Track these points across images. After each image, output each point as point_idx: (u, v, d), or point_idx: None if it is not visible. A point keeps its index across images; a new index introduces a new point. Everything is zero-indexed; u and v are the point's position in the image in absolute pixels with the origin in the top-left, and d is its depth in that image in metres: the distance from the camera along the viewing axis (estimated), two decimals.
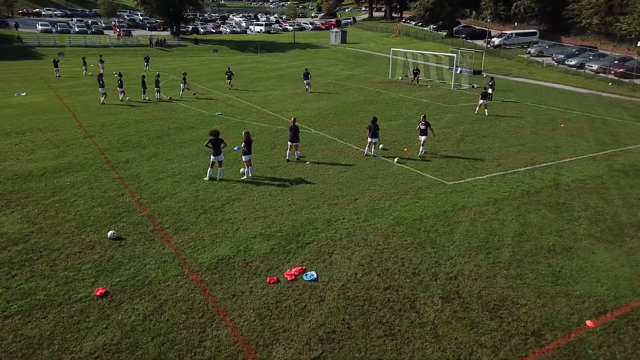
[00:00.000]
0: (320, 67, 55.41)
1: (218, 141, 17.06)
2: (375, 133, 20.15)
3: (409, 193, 16.37)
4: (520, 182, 17.67)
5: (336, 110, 30.09)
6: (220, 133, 17.47)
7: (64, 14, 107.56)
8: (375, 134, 20.17)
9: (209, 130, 24.33)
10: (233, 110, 29.17)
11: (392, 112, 29.55)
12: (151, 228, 13.36)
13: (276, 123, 26.15)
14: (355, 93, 36.53)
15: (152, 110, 28.96)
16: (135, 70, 49.07)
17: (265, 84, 40.55)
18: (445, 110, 30.61)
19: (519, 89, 40.45)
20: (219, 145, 17.06)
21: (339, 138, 23.39)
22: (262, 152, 20.76)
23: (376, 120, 20.25)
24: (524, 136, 24.45)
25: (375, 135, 20.19)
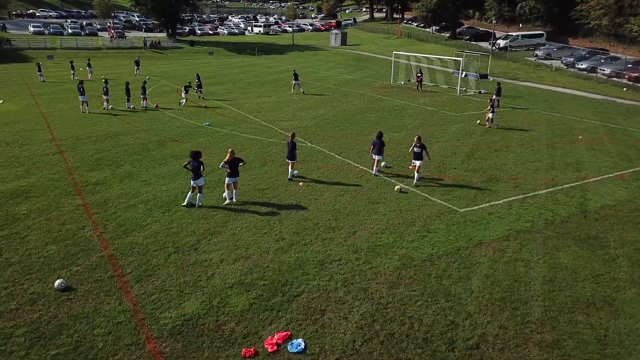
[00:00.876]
0: (319, 70, 53.25)
1: (198, 164, 14.92)
2: (380, 150, 18.08)
3: (416, 223, 14.18)
4: (542, 209, 15.47)
5: (335, 119, 27.91)
6: (201, 154, 15.31)
7: (59, 15, 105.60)
8: (380, 150, 18.10)
9: (194, 143, 22.33)
10: (223, 120, 27.00)
11: (395, 122, 27.36)
12: (110, 274, 11.18)
13: (268, 135, 23.97)
14: (356, 100, 34.35)
15: (135, 120, 26.79)
16: (127, 75, 46.93)
17: (260, 90, 38.39)
18: (452, 119, 28.42)
19: (528, 95, 38.23)
20: (199, 168, 14.92)
21: (337, 153, 21.21)
22: (250, 170, 18.58)
23: (382, 135, 18.12)
24: (540, 150, 22.24)
25: (380, 152, 18.11)
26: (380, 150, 18.06)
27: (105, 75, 45.28)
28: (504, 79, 46.42)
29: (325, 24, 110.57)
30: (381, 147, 18.04)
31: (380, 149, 18.06)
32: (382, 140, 18.05)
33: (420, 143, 17.15)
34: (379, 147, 18.00)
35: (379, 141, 17.98)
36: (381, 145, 18.03)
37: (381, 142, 18.01)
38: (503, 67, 52.57)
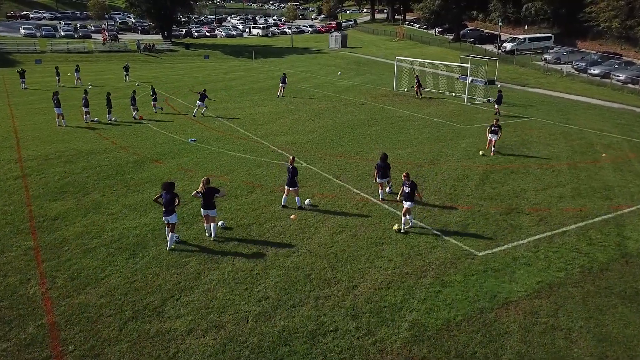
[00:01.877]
0: (318, 75, 50.95)
1: (171, 198, 12.68)
2: (385, 173, 16.09)
3: (428, 273, 11.88)
4: (575, 251, 13.16)
5: (333, 133, 25.60)
6: (174, 186, 13.07)
7: (54, 17, 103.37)
8: (386, 173, 16.12)
9: (175, 164, 20.05)
10: (211, 135, 24.70)
11: (399, 137, 25.05)
12: (46, 354, 8.88)
13: (259, 153, 21.67)
14: (356, 109, 32.04)
15: (115, 135, 24.49)
16: (116, 80, 44.67)
17: (254, 98, 36.07)
18: (460, 133, 26.10)
19: (540, 103, 35.90)
20: (172, 202, 12.68)
21: (334, 175, 18.90)
22: (235, 198, 16.29)
23: (386, 158, 15.98)
24: (561, 172, 19.92)
25: (385, 175, 16.13)
26: (385, 173, 16.08)
27: (93, 81, 43.11)
28: (512, 85, 44.14)
29: (326, 26, 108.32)
30: (386, 170, 16.07)
31: (386, 172, 16.09)
32: (387, 163, 16.00)
33: (410, 181, 13.88)
34: (383, 170, 15.99)
35: (383, 164, 15.92)
36: (386, 168, 16.02)
37: (386, 165, 15.98)
38: (510, 72, 50.24)
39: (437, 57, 61.48)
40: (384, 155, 16.02)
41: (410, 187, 13.78)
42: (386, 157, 16.01)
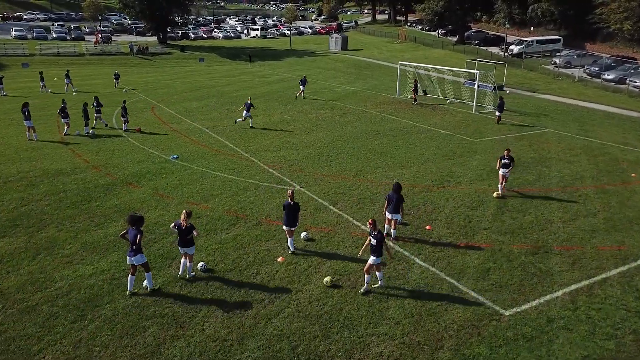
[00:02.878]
0: (317, 79, 48.59)
1: (137, 234, 10.49)
2: (397, 207, 13.46)
3: (445, 343, 9.53)
4: (621, 308, 10.80)
5: (331, 148, 23.25)
6: (142, 221, 10.80)
7: (48, 18, 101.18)
8: (398, 207, 13.47)
9: (151, 188, 17.72)
10: (195, 151, 22.36)
11: (404, 152, 22.70)
12: None
13: (247, 173, 19.32)
14: (356, 119, 29.68)
15: (89, 151, 22.15)
16: (105, 86, 42.30)
17: None
18: (471, 147, 23.74)
19: (553, 112, 33.53)
20: (138, 240, 10.48)
21: (331, 202, 16.56)
22: (215, 234, 13.96)
23: (400, 188, 13.50)
24: (589, 197, 17.56)
25: (397, 209, 13.49)
26: (397, 207, 13.47)
27: (80, 86, 40.75)
28: (521, 91, 41.78)
29: (326, 27, 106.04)
30: (399, 204, 13.44)
31: (398, 206, 13.45)
32: (400, 195, 13.46)
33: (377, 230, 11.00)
34: (395, 202, 13.44)
35: (396, 195, 13.42)
36: (399, 200, 13.42)
37: (399, 197, 13.42)
38: (518, 77, 47.86)
39: (441, 60, 59.17)
40: (397, 185, 13.54)
41: (378, 238, 10.82)
42: (400, 188, 13.57)
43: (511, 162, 17.07)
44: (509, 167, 17.10)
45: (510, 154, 17.21)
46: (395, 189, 13.47)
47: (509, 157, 17.10)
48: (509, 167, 17.11)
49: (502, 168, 17.21)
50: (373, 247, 10.93)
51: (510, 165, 17.07)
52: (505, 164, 17.13)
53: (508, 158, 17.08)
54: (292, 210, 12.48)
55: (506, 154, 17.20)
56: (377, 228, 10.98)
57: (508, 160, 17.07)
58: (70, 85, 39.60)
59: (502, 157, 17.27)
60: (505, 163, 17.13)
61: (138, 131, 25.69)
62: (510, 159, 17.07)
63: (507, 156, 17.12)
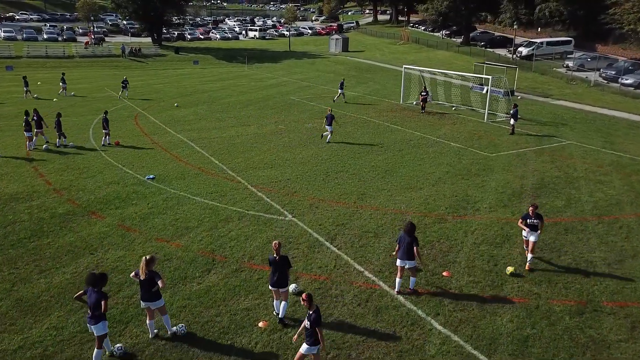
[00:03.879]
0: (316, 83, 45.99)
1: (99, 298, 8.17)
2: (409, 252, 10.91)
3: None
4: None
5: (328, 165, 20.62)
6: (105, 280, 8.39)
7: (41, 19, 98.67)
8: (410, 253, 10.92)
9: (117, 218, 15.09)
10: (175, 169, 19.73)
11: (411, 170, 20.06)
12: None
13: (231, 197, 16.68)
14: (357, 130, 27.04)
15: (55, 170, 19.53)
16: (90, 90, 39.67)
17: (240, 114, 31.09)
18: (487, 164, 21.09)
19: (572, 120, 30.87)
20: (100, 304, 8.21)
21: (328, 237, 13.93)
22: (184, 284, 11.35)
23: (413, 229, 10.97)
24: (631, 229, 14.92)
25: (410, 255, 10.94)
26: (409, 252, 10.92)
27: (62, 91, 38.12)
28: (534, 97, 39.12)
29: (326, 28, 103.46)
30: (411, 248, 10.88)
31: (410, 251, 10.90)
32: (413, 237, 10.94)
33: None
34: (407, 246, 10.89)
35: (408, 238, 10.90)
36: (412, 242, 10.89)
37: (412, 240, 10.89)
38: (529, 81, 45.18)
39: (446, 62, 56.57)
40: (410, 226, 11.00)
41: (312, 320, 8.05)
42: (413, 228, 11.02)
43: (540, 223, 12.38)
44: (537, 229, 12.38)
45: (538, 211, 12.52)
46: (408, 229, 10.90)
47: (537, 216, 12.36)
48: (537, 230, 12.39)
49: (528, 229, 12.41)
50: (308, 331, 8.18)
51: (539, 227, 12.39)
52: (532, 225, 12.34)
53: (535, 217, 12.33)
54: (279, 267, 9.76)
55: (532, 211, 12.34)
56: (314, 306, 8.20)
57: (536, 221, 12.33)
58: (64, 91, 37.17)
59: (527, 216, 12.40)
60: (532, 224, 12.34)
61: (116, 144, 23.11)
62: (539, 218, 12.36)
63: (533, 214, 12.32)
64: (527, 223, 12.40)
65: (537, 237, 12.36)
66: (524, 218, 12.54)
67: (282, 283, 9.77)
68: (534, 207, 12.45)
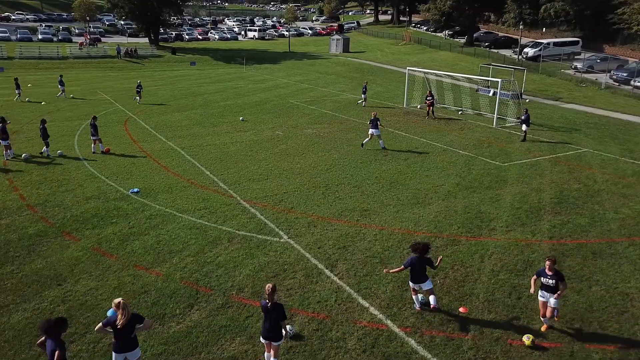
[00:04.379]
0: (316, 85, 44.48)
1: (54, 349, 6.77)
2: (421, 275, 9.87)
3: None
4: None
5: (328, 176, 19.09)
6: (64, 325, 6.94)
7: (37, 19, 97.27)
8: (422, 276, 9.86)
9: (92, 241, 13.54)
10: (163, 181, 18.20)
11: (419, 182, 18.52)
12: None
13: (221, 215, 15.15)
14: (359, 137, 25.47)
15: (32, 182, 18.00)
16: (82, 93, 38.16)
17: (236, 119, 29.59)
18: (499, 175, 19.54)
19: (585, 125, 29.33)
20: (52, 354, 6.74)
21: (328, 264, 12.39)
22: (162, 324, 9.81)
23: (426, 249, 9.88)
24: None
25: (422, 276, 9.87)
26: (421, 275, 9.76)
27: (51, 94, 36.62)
28: (542, 100, 37.61)
29: (327, 28, 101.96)
30: (423, 270, 9.72)
31: (422, 274, 9.75)
32: (425, 258, 9.78)
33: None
34: (419, 269, 9.74)
35: (419, 259, 9.72)
36: (424, 263, 9.74)
37: (424, 261, 9.75)
38: (537, 83, 43.65)
39: (449, 64, 55.09)
40: (423, 245, 9.78)
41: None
42: (426, 248, 9.79)
43: (561, 284, 9.40)
44: (555, 289, 9.44)
45: (556, 267, 9.51)
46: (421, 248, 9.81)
47: (555, 274, 9.42)
48: (556, 291, 9.45)
49: (543, 292, 9.62)
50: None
51: (558, 287, 9.43)
52: (549, 286, 9.46)
53: (554, 275, 9.40)
54: (271, 316, 8.09)
55: (548, 267, 9.41)
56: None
57: (553, 280, 9.39)
58: (63, 93, 35.81)
59: (542, 273, 9.54)
60: (548, 285, 9.47)
61: (107, 152, 21.64)
62: (558, 277, 9.38)
63: (549, 271, 9.41)
64: (542, 283, 9.59)
65: (557, 302, 9.55)
66: (538, 275, 9.66)
67: (274, 336, 8.17)
68: (552, 261, 9.43)
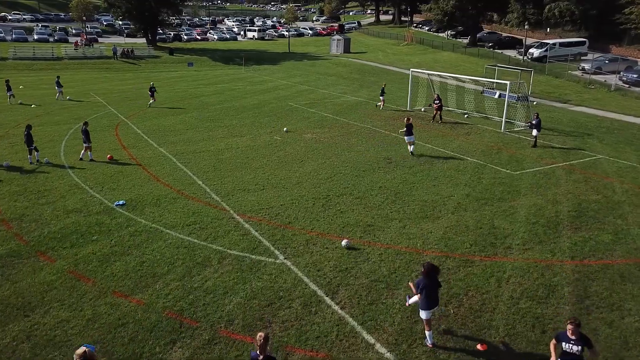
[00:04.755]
0: (316, 87, 43.25)
1: None
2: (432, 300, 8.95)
3: None
4: None
5: (329, 186, 17.85)
6: None
7: (34, 19, 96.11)
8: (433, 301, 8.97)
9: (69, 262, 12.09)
10: (152, 192, 16.96)
11: (426, 193, 17.28)
12: None
13: (212, 231, 13.90)
14: (362, 142, 24.26)
15: (10, 193, 16.74)
16: (75, 94, 36.93)
17: (233, 122, 28.36)
18: (512, 185, 18.28)
19: (596, 130, 28.09)
20: None
21: (328, 290, 11.15)
22: None
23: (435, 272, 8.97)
24: None
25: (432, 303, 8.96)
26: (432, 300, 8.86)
27: (43, 97, 35.44)
28: (549, 102, 36.39)
29: (327, 28, 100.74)
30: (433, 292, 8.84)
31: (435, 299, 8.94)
32: (435, 281, 8.89)
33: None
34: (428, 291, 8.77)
35: (429, 281, 8.79)
36: (434, 285, 8.85)
37: (434, 284, 8.86)
38: (543, 85, 42.39)
39: (453, 64, 53.89)
40: (431, 267, 8.81)
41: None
42: (434, 271, 8.83)
43: (589, 349, 7.53)
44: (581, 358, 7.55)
45: (580, 330, 7.50)
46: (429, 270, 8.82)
47: (581, 338, 7.50)
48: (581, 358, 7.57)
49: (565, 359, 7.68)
50: None
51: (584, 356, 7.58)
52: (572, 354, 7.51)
53: (577, 340, 7.47)
54: None
55: (571, 331, 7.45)
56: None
57: (578, 346, 7.45)
58: (60, 94, 34.71)
59: (564, 337, 7.59)
60: (572, 353, 7.50)
61: (109, 159, 20.44)
62: (583, 342, 7.49)
63: (573, 334, 7.46)
64: (562, 349, 7.62)
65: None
66: (558, 339, 7.72)
67: None
68: (575, 324, 7.43)
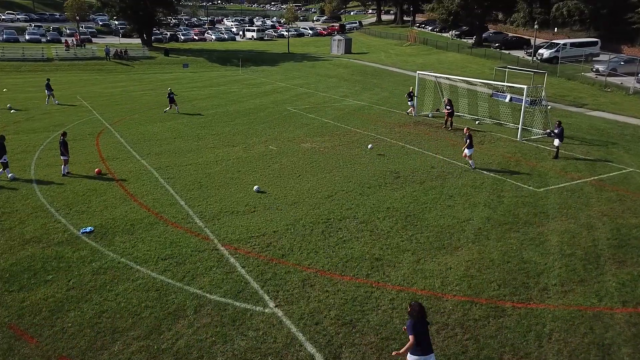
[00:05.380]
0: (317, 90, 41.06)
1: None
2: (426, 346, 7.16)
3: None
4: None
5: (329, 208, 15.64)
6: None
7: (28, 18, 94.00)
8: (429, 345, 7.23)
9: (15, 307, 9.79)
10: (127, 215, 14.77)
11: (441, 217, 15.07)
12: None
13: (189, 268, 11.70)
14: (365, 152, 22.05)
15: None
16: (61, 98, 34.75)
17: (225, 130, 26.17)
18: (537, 206, 16.07)
19: (620, 137, 25.87)
20: None
21: (329, 353, 8.96)
22: None
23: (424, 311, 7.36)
24: None
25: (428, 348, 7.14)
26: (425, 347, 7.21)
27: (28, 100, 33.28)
28: (564, 106, 34.19)
29: (328, 28, 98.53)
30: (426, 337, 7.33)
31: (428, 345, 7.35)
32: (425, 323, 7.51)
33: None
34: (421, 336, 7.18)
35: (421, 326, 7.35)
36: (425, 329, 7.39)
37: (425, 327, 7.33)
38: (555, 87, 40.15)
39: (459, 66, 51.68)
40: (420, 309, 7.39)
41: None
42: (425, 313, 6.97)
43: None
44: None
45: None
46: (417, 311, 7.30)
47: None
48: None
49: None
50: None
51: None
52: None
53: None
54: None
55: None
56: None
57: None
58: (51, 98, 32.62)
59: None
60: None
61: (98, 174, 18.27)
62: None
63: None
64: None
65: None
66: None
67: None
68: None
